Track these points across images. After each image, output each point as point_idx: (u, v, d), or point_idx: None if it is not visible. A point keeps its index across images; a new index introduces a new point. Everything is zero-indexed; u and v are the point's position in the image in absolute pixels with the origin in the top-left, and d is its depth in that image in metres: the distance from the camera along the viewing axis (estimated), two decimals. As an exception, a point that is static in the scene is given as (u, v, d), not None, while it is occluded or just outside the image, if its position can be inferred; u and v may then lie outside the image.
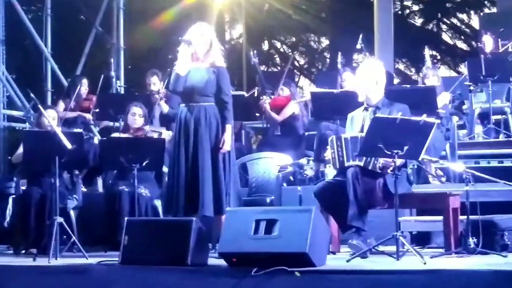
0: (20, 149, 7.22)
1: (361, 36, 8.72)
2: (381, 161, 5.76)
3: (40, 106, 7.08)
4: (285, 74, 9.57)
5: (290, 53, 18.79)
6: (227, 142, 6.05)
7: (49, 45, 10.72)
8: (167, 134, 7.49)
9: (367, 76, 6.06)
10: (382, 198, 5.81)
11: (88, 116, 8.86)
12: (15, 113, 10.25)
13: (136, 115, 7.35)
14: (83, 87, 8.96)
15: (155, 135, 7.36)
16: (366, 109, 6.09)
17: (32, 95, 7.26)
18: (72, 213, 7.12)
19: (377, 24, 11.79)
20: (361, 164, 5.82)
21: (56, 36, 11.16)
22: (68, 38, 13.19)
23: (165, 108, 8.40)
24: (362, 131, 5.95)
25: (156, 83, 8.62)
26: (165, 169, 6.83)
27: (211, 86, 6.11)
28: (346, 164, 5.90)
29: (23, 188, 7.34)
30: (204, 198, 5.95)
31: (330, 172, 6.76)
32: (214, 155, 6.05)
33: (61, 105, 8.72)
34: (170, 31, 12.97)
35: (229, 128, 6.09)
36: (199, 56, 6.17)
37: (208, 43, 6.17)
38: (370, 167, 5.81)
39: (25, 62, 12.78)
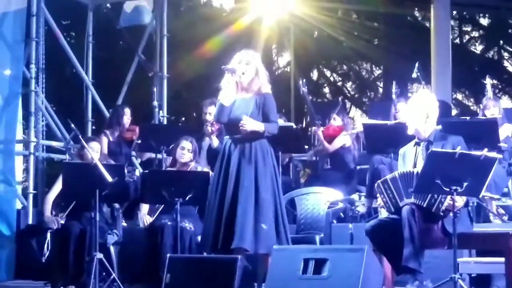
0: (53, 192, 7.35)
1: (417, 64, 8.68)
2: (446, 204, 5.67)
3: (81, 139, 7.16)
4: (339, 105, 9.60)
5: (340, 82, 18.85)
6: (250, 122, 6.07)
7: (90, 73, 10.84)
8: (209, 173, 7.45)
9: (417, 110, 6.04)
10: (442, 237, 5.76)
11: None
12: (54, 143, 10.29)
13: (185, 150, 7.32)
14: (126, 116, 8.98)
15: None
16: (417, 143, 6.06)
17: (72, 125, 7.35)
18: (112, 248, 7.20)
19: (434, 52, 11.74)
20: (424, 205, 5.75)
21: (97, 64, 11.31)
22: (110, 66, 13.36)
23: (215, 143, 8.32)
24: (415, 167, 5.92)
25: (212, 113, 8.46)
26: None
27: (256, 118, 6.15)
28: (401, 204, 5.85)
29: (62, 222, 7.43)
30: (243, 232, 5.89)
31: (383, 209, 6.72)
32: (259, 189, 6.04)
33: (104, 140, 8.61)
34: (216, 59, 13.08)
35: (261, 124, 6.11)
36: (244, 85, 6.22)
37: (253, 71, 6.21)
38: (433, 210, 5.74)
39: (65, 91, 12.97)
